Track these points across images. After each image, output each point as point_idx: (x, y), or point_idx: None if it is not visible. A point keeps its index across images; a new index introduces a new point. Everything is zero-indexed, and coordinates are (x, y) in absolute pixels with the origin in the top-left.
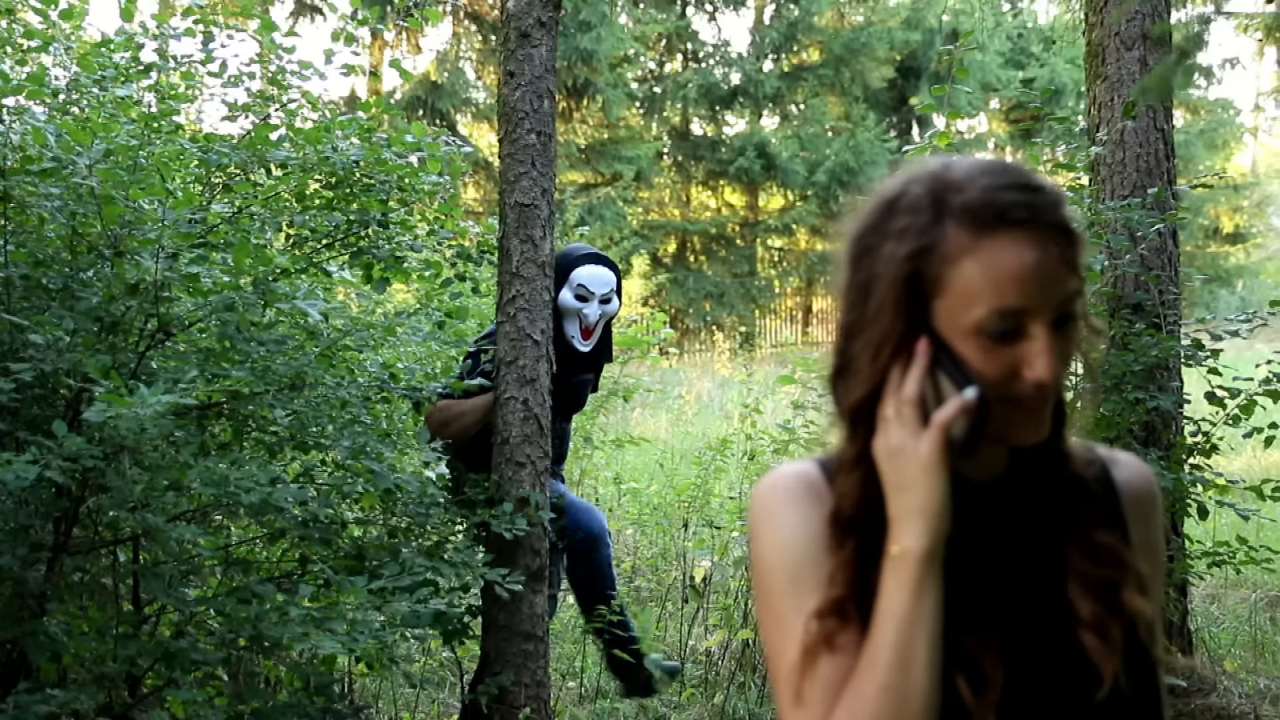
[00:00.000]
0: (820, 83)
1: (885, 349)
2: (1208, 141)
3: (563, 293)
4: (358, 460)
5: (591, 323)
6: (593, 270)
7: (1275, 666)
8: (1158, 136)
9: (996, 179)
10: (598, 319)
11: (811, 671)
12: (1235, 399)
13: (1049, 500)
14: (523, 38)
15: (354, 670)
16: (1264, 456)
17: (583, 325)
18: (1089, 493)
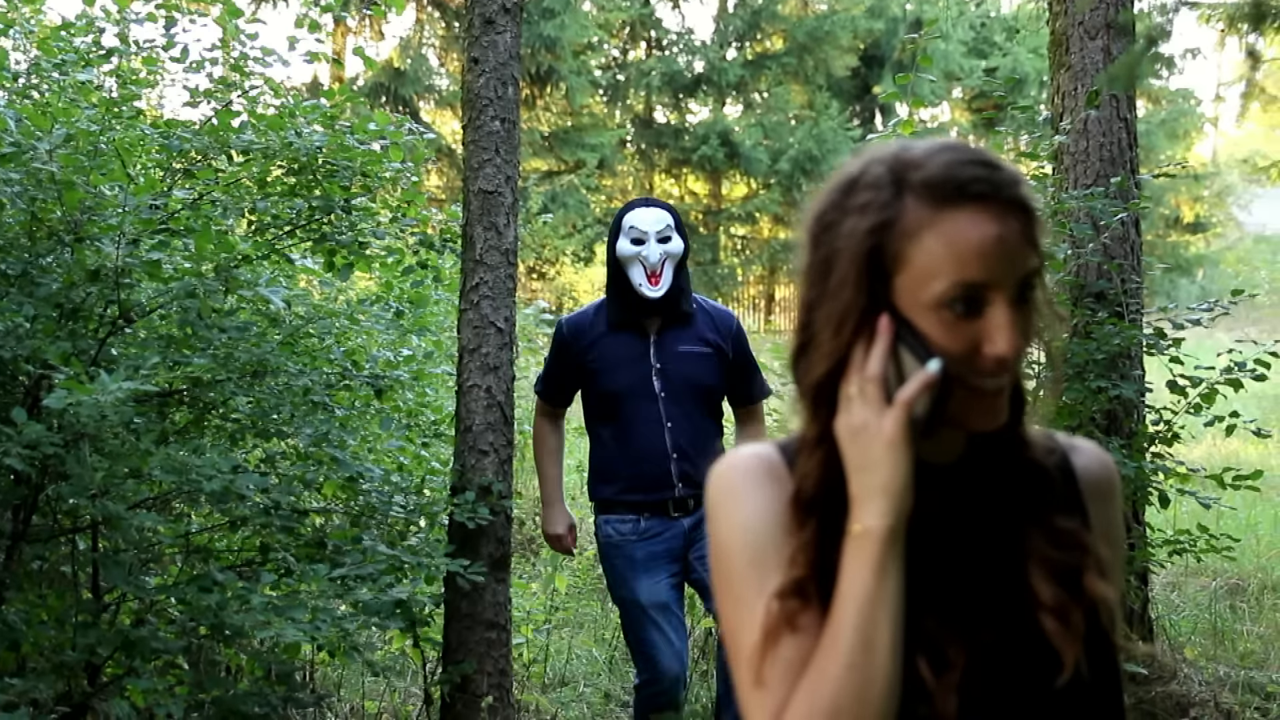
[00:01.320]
0: (784, 71)
1: (847, 325)
2: (1169, 131)
3: (618, 243)
4: (320, 448)
5: (654, 263)
6: (642, 211)
7: (1235, 654)
8: (1120, 126)
9: (956, 155)
10: (660, 259)
11: (773, 653)
12: (1197, 387)
13: (1008, 485)
14: (487, 24)
15: (316, 658)
16: (1224, 445)
17: (646, 270)
18: (1048, 479)
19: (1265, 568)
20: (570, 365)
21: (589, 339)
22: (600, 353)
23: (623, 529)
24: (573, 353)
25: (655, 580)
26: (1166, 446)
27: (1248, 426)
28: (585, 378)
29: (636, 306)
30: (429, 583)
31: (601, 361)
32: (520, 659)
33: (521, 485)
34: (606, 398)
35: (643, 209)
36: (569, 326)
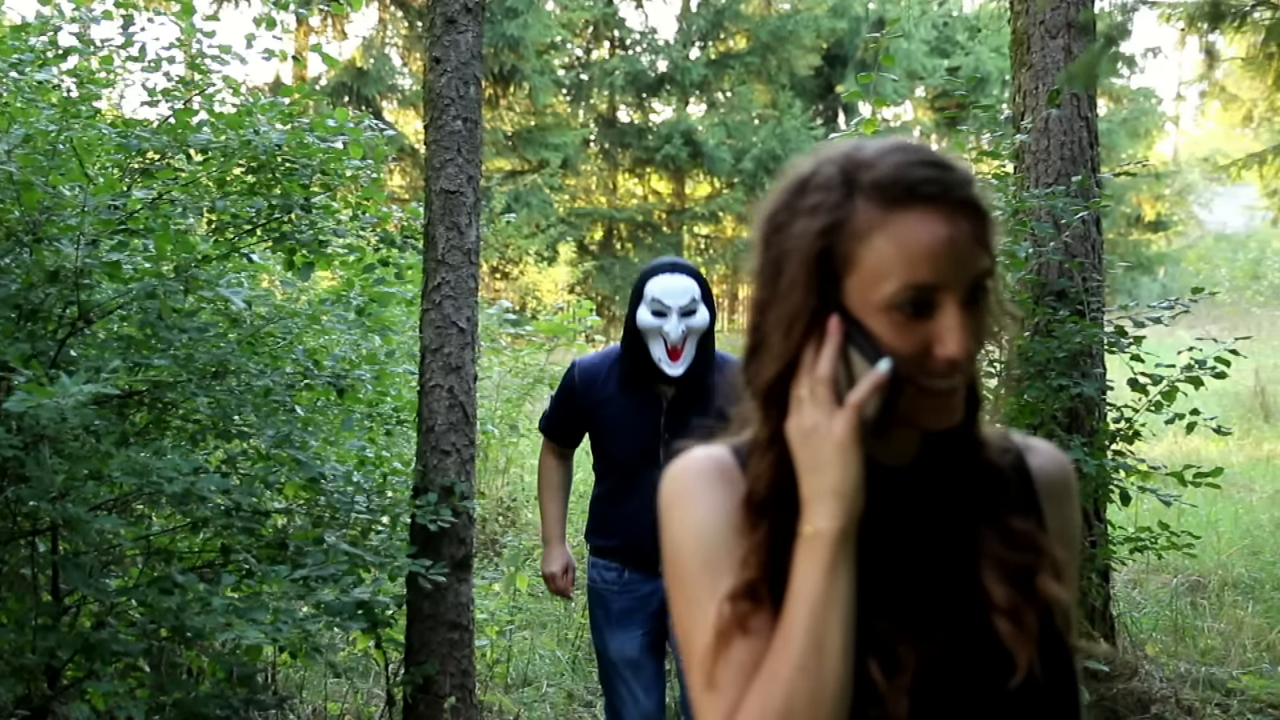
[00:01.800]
0: (747, 70)
1: (797, 326)
2: (1130, 130)
3: (639, 311)
4: (281, 449)
5: (675, 340)
6: (666, 281)
7: (1195, 650)
8: (1081, 124)
9: (907, 156)
10: (682, 335)
11: (725, 655)
12: (1157, 385)
13: (963, 486)
14: (449, 24)
15: (277, 660)
16: (1185, 442)
17: (667, 345)
18: (1003, 479)
19: (1226, 565)
20: (578, 413)
21: (600, 395)
22: (610, 413)
23: (607, 576)
24: (582, 403)
25: (629, 635)
26: (1128, 444)
27: (1208, 424)
28: (591, 429)
29: (654, 377)
30: (391, 581)
31: (610, 421)
32: (483, 659)
33: (484, 485)
34: (610, 457)
35: (668, 276)
36: (581, 376)
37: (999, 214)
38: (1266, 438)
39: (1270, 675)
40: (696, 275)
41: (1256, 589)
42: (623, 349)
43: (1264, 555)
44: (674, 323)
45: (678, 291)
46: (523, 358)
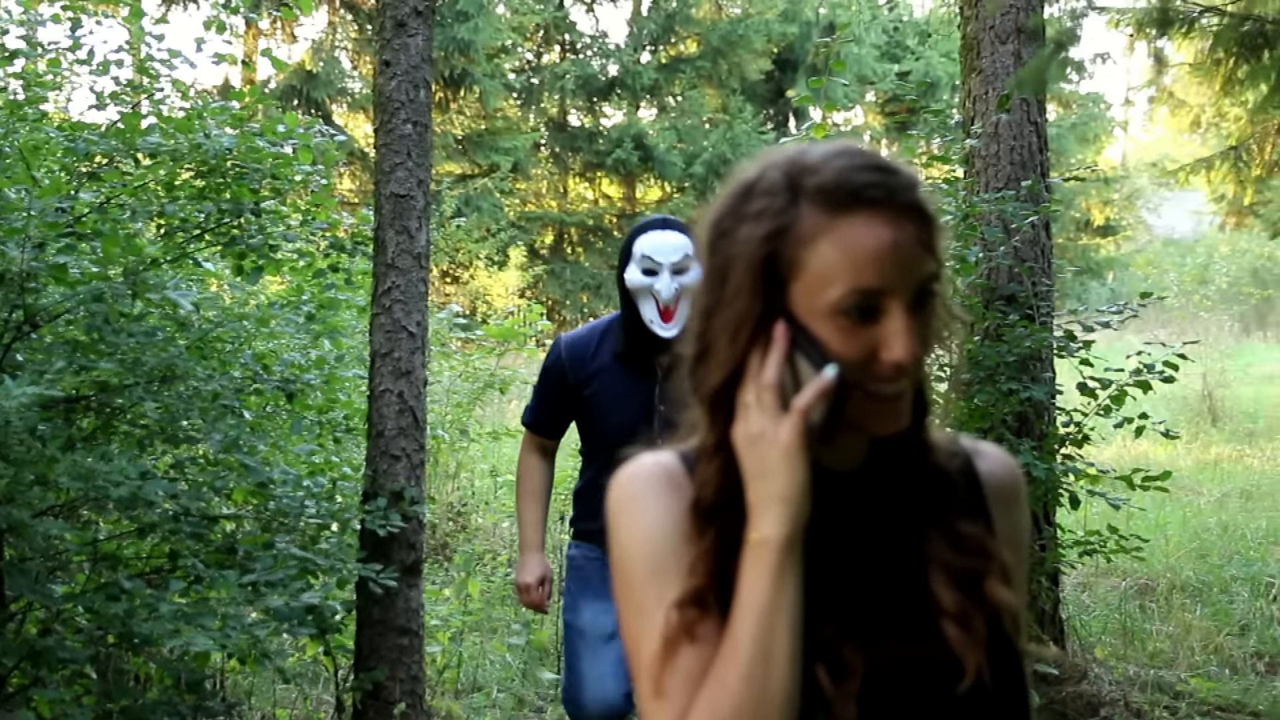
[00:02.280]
0: (698, 74)
1: (743, 332)
2: (1079, 135)
3: (628, 270)
4: (230, 453)
5: (668, 299)
6: (657, 237)
7: (1144, 653)
8: (1031, 130)
9: (851, 161)
10: (675, 293)
11: (672, 662)
12: (1106, 389)
13: (911, 490)
14: (399, 27)
15: (226, 666)
16: (1134, 446)
17: (659, 304)
18: (951, 484)
19: (1174, 568)
20: (565, 393)
21: (590, 368)
22: (601, 385)
23: (591, 554)
24: (570, 381)
25: (607, 606)
26: (1077, 448)
27: (1157, 428)
28: (580, 409)
29: (647, 342)
30: (341, 587)
31: (601, 395)
32: (433, 665)
33: (435, 490)
34: (599, 435)
35: (658, 233)
36: (569, 350)
37: (949, 218)
38: (1214, 441)
39: (1218, 678)
40: (689, 231)
41: (1204, 592)
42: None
43: (1212, 558)
44: (666, 280)
45: (669, 248)
46: (473, 362)
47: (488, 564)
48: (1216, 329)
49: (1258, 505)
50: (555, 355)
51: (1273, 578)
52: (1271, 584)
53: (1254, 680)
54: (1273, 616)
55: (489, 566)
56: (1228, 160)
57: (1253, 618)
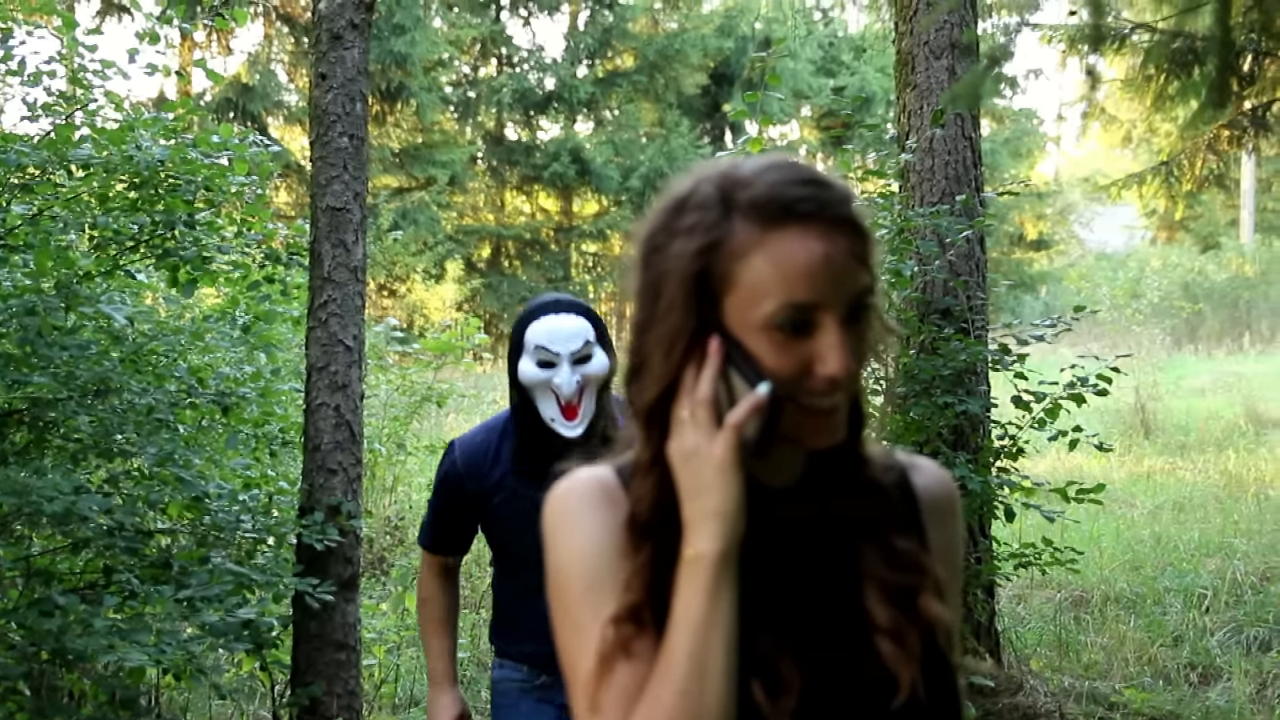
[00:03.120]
0: (634, 89)
1: (676, 348)
2: (1013, 150)
3: (521, 363)
4: (164, 468)
5: (569, 394)
6: (551, 323)
7: (1079, 665)
8: (965, 144)
9: (784, 174)
10: (577, 387)
11: (608, 679)
12: (1040, 403)
13: (846, 505)
14: (334, 40)
15: (161, 682)
16: (1068, 459)
17: (560, 400)
18: (887, 498)
19: (1108, 579)
20: (466, 506)
21: (492, 478)
22: (503, 500)
23: (516, 675)
24: (469, 490)
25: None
26: (1011, 461)
27: (1090, 441)
28: (485, 522)
29: (549, 444)
30: (277, 602)
31: (505, 510)
32: (370, 679)
33: (372, 504)
34: (513, 556)
35: (551, 318)
36: (464, 459)
37: (884, 233)
38: (1147, 454)
39: (1152, 689)
40: (588, 312)
41: (1138, 604)
42: (511, 415)
43: (1145, 570)
44: (566, 373)
45: (566, 335)
46: (410, 376)
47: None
48: (1148, 342)
49: (1190, 517)
50: (449, 464)
51: (1205, 589)
52: (1204, 595)
53: (1187, 691)
54: (1205, 627)
55: None
56: (1159, 175)
57: (1186, 629)
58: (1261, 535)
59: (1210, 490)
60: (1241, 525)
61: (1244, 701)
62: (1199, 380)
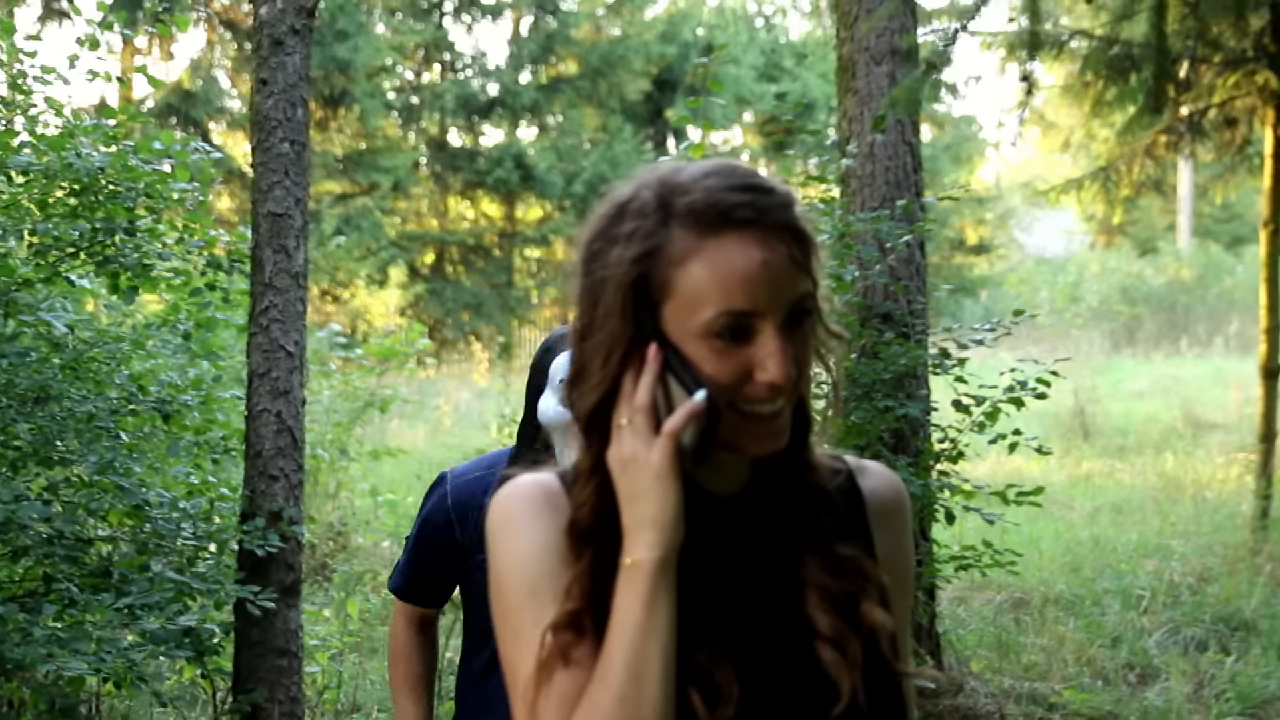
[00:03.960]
0: (577, 94)
1: (615, 354)
2: (953, 156)
3: (544, 400)
4: (105, 475)
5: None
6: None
7: (1019, 666)
8: (905, 150)
9: (723, 180)
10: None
11: (547, 686)
12: (980, 406)
13: (790, 512)
14: (276, 45)
15: (102, 691)
16: (1008, 462)
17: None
18: (831, 504)
19: (1047, 581)
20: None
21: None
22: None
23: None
24: (458, 539)
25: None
26: (952, 464)
27: (1030, 444)
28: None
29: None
30: (218, 608)
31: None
32: (313, 686)
33: (314, 510)
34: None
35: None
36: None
37: (825, 237)
38: (1086, 457)
39: (1091, 689)
40: None
41: (1077, 605)
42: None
43: (1084, 571)
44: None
45: None
46: (353, 381)
47: (367, 584)
48: (1087, 346)
49: (1128, 519)
50: (439, 501)
51: (1143, 590)
52: (1142, 596)
53: (1126, 691)
54: (1143, 628)
55: (368, 586)
56: (1097, 180)
57: (1124, 629)
58: (1199, 536)
59: (1148, 492)
60: (1179, 527)
61: (1181, 701)
62: (1137, 383)
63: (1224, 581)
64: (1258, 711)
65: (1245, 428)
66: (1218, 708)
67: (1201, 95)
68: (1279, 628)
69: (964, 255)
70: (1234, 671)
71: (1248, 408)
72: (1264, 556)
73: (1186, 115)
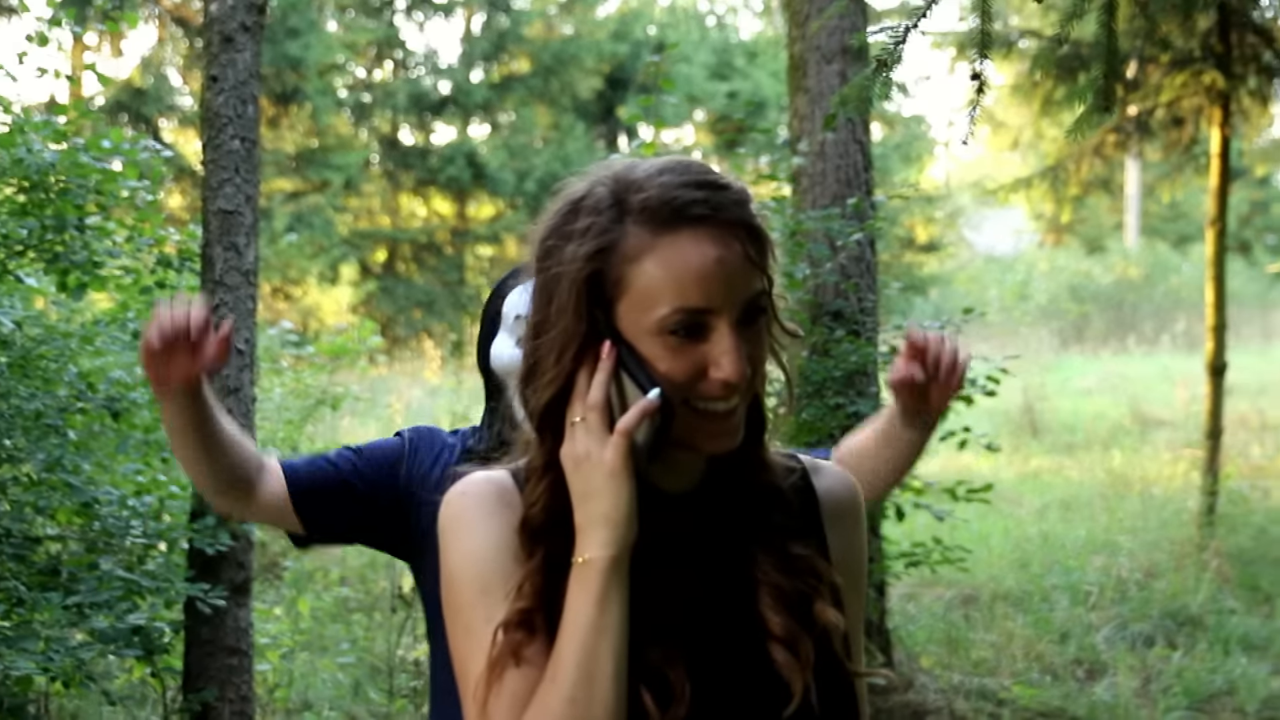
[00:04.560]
0: (530, 92)
1: (569, 351)
2: (903, 154)
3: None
4: (53, 473)
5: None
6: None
7: (969, 662)
8: (856, 148)
9: (678, 177)
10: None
11: (498, 685)
12: None
13: (744, 511)
14: (226, 42)
15: (50, 690)
16: (957, 459)
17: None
18: (785, 503)
19: (996, 577)
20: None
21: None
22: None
23: None
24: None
25: None
26: None
27: (979, 441)
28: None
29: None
30: (168, 607)
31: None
32: (264, 684)
33: None
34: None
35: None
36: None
37: (776, 235)
38: (1034, 454)
39: (1039, 684)
40: None
41: (1026, 601)
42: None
43: (1033, 568)
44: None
45: None
46: (304, 379)
47: (319, 581)
48: (1036, 343)
49: (1076, 515)
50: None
51: (1091, 586)
52: (1090, 592)
53: (1074, 686)
54: (1091, 624)
55: (320, 584)
56: (1046, 179)
57: (1072, 625)
58: (1146, 533)
59: (1096, 489)
60: (1126, 523)
61: (1129, 696)
62: (1085, 380)
63: (1171, 577)
64: (1204, 706)
65: (1192, 424)
66: (1164, 702)
67: (1149, 95)
68: (1225, 623)
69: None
70: (1180, 666)
71: (1194, 405)
72: (1210, 552)
73: (1134, 115)
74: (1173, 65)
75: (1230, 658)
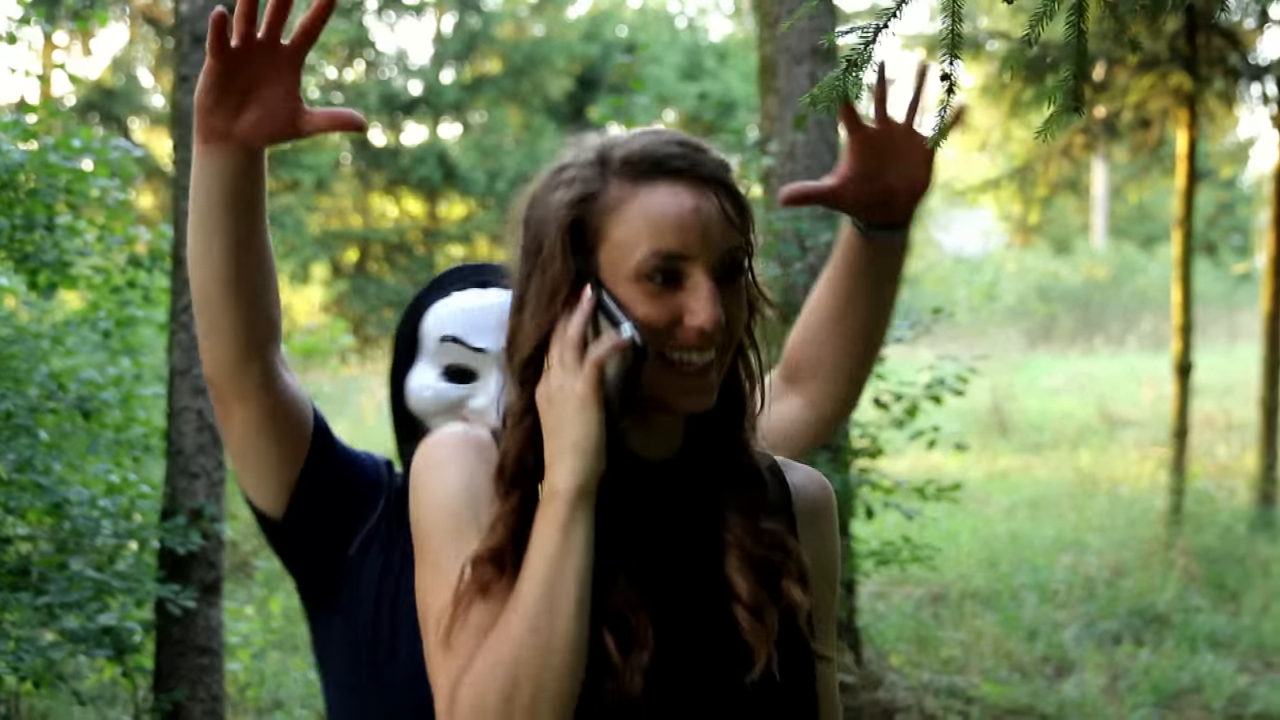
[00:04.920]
0: (500, 93)
1: (558, 297)
2: None
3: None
4: (24, 473)
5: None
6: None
7: (938, 660)
8: (826, 149)
9: (660, 137)
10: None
11: (463, 618)
12: (900, 403)
13: (720, 482)
14: (196, 41)
15: (20, 690)
16: (926, 458)
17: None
18: (762, 481)
19: (965, 576)
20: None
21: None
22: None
23: None
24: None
25: None
26: (871, 460)
27: (948, 440)
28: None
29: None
30: (139, 607)
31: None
32: (235, 683)
33: (236, 507)
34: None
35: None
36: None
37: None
38: (1002, 453)
39: (1008, 682)
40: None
41: (994, 599)
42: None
43: (1001, 566)
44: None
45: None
46: None
47: (290, 581)
48: (1004, 343)
49: (1044, 514)
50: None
51: (1059, 584)
52: (1058, 591)
53: (1042, 684)
54: (1059, 622)
55: (291, 583)
56: (1014, 180)
57: (1040, 623)
58: (1113, 531)
59: (1064, 488)
60: (1094, 522)
61: (1096, 693)
62: (1053, 380)
63: (1138, 575)
64: (1171, 703)
65: (1159, 424)
66: (1132, 700)
67: (1116, 97)
68: (1191, 621)
69: None
70: (1148, 664)
71: (1161, 404)
72: (1177, 551)
73: (1102, 116)
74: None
75: (1197, 655)
